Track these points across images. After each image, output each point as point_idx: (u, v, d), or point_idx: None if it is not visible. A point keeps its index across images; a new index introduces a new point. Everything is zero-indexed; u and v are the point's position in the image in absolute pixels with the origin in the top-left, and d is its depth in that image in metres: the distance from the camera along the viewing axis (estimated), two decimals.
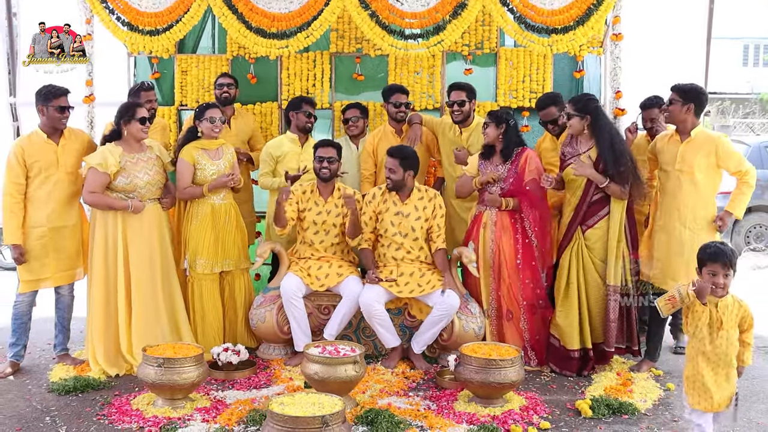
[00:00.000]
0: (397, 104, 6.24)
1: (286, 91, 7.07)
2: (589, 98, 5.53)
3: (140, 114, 5.42)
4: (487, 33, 6.90)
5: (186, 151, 5.72)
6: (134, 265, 5.41)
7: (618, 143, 5.34)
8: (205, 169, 5.70)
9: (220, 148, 5.83)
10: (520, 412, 4.68)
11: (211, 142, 5.77)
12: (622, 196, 5.33)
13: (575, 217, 5.49)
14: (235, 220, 5.86)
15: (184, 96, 7.22)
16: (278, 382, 5.27)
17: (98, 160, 5.31)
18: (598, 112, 5.41)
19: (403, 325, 5.71)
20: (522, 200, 5.58)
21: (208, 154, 5.75)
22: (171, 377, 4.61)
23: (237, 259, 5.85)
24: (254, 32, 6.24)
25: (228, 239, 5.79)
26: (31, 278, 5.45)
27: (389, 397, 4.96)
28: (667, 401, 5.01)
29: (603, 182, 5.32)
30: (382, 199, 5.74)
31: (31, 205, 5.41)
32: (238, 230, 5.87)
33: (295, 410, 3.78)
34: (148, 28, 6.33)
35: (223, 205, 5.79)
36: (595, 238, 5.43)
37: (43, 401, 4.93)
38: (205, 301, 5.77)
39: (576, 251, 5.47)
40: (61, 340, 5.72)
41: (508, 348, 4.96)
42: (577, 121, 5.41)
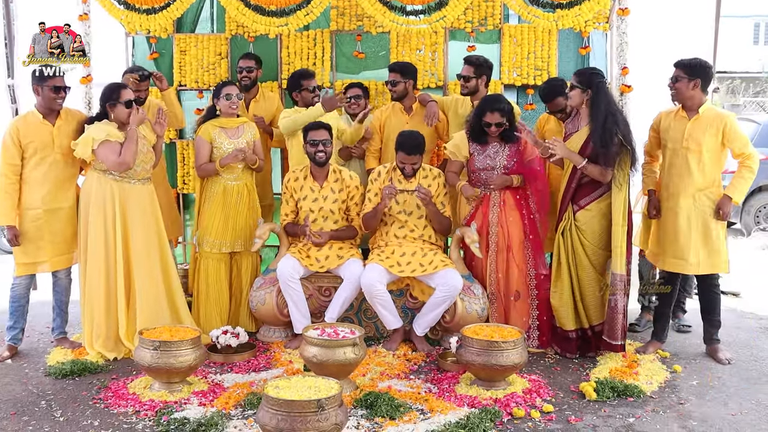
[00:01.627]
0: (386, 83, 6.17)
1: (286, 70, 6.95)
2: (594, 72, 5.37)
3: (125, 96, 5.31)
4: (491, 9, 6.75)
5: (204, 129, 5.72)
6: (133, 248, 5.34)
7: (611, 123, 5.12)
8: (221, 148, 5.67)
9: (241, 127, 5.79)
10: (522, 395, 4.60)
11: (230, 120, 5.74)
12: (602, 177, 5.18)
13: (565, 196, 5.40)
14: (248, 201, 5.80)
15: (182, 76, 7.11)
16: (277, 365, 5.20)
17: (104, 134, 5.20)
18: (600, 87, 5.24)
19: (405, 306, 5.62)
20: (528, 178, 5.52)
21: (226, 132, 5.70)
22: (167, 360, 4.54)
23: (247, 240, 5.79)
24: (253, 10, 6.16)
25: (239, 220, 5.76)
26: (27, 261, 5.37)
27: (390, 379, 4.88)
28: (674, 383, 4.92)
29: (580, 162, 5.19)
30: (388, 176, 5.66)
31: (26, 186, 5.33)
32: (250, 211, 5.81)
33: (290, 394, 3.70)
34: (145, 6, 6.26)
35: (236, 186, 5.75)
36: (586, 219, 5.30)
37: (39, 385, 4.87)
38: (211, 281, 5.75)
39: (566, 232, 5.36)
40: (59, 324, 5.66)
41: (510, 330, 4.87)
42: (578, 94, 5.27)
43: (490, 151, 5.54)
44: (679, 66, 5.26)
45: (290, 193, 5.76)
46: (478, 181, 5.60)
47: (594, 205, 5.29)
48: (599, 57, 6.76)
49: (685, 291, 6.17)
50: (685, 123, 5.24)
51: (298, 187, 5.73)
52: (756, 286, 7.66)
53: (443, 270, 5.39)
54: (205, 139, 5.68)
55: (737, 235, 10.85)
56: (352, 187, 5.74)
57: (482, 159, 5.56)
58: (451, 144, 5.74)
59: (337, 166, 5.82)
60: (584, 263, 5.32)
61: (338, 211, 5.72)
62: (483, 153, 5.56)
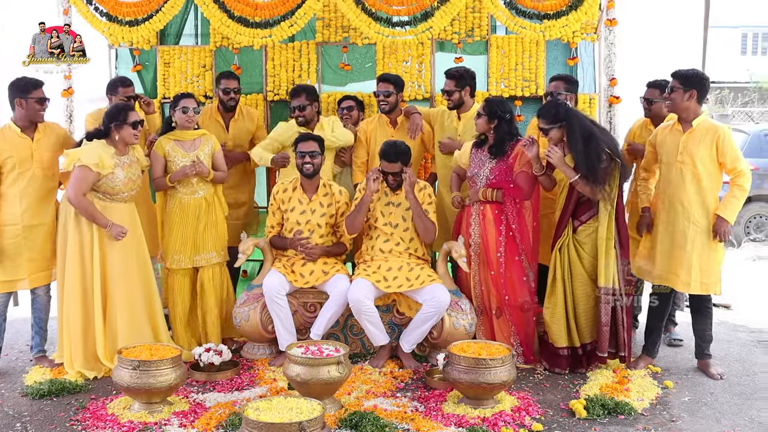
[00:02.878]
0: (377, 93, 6.05)
1: (272, 82, 6.87)
2: (558, 105, 5.29)
3: (132, 118, 5.21)
4: (478, 20, 6.69)
5: (158, 143, 5.59)
6: (110, 267, 5.20)
7: (592, 143, 5.05)
8: (175, 162, 5.54)
9: (197, 140, 5.63)
10: (511, 413, 4.49)
11: (185, 133, 5.60)
12: (592, 195, 5.10)
13: (564, 213, 5.31)
14: (206, 216, 5.63)
15: (166, 88, 7.01)
16: (261, 383, 5.08)
17: (94, 159, 5.05)
18: (569, 119, 5.15)
19: (392, 322, 5.52)
20: (506, 193, 5.37)
21: (181, 145, 5.57)
22: (147, 380, 4.42)
23: (209, 254, 5.65)
24: (237, 21, 6.12)
25: (198, 235, 5.60)
26: (5, 279, 5.25)
27: (376, 398, 4.77)
28: (666, 400, 4.82)
29: (572, 177, 5.11)
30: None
31: (4, 202, 5.22)
32: (209, 226, 5.64)
33: (271, 416, 3.59)
34: (128, 18, 6.22)
35: (194, 200, 5.59)
36: (587, 233, 5.23)
37: (15, 406, 4.74)
38: (176, 297, 5.66)
39: (563, 247, 5.28)
40: (37, 342, 5.53)
41: (498, 347, 4.77)
42: (556, 132, 5.18)
43: (480, 160, 5.45)
44: (675, 76, 5.17)
45: (277, 205, 5.66)
46: (470, 188, 5.53)
47: (594, 219, 5.21)
48: (587, 68, 6.71)
49: (675, 304, 6.10)
50: (679, 136, 5.16)
51: (286, 198, 5.63)
52: (747, 298, 7.60)
53: (430, 285, 5.30)
54: (159, 154, 5.54)
55: (728, 246, 10.78)
56: (341, 203, 5.65)
57: (473, 167, 5.48)
58: (457, 153, 5.72)
59: (327, 180, 5.72)
60: (582, 278, 5.23)
61: (325, 226, 5.62)
62: (475, 161, 5.48)
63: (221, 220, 5.75)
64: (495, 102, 5.47)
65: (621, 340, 5.24)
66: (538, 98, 6.72)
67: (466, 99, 5.93)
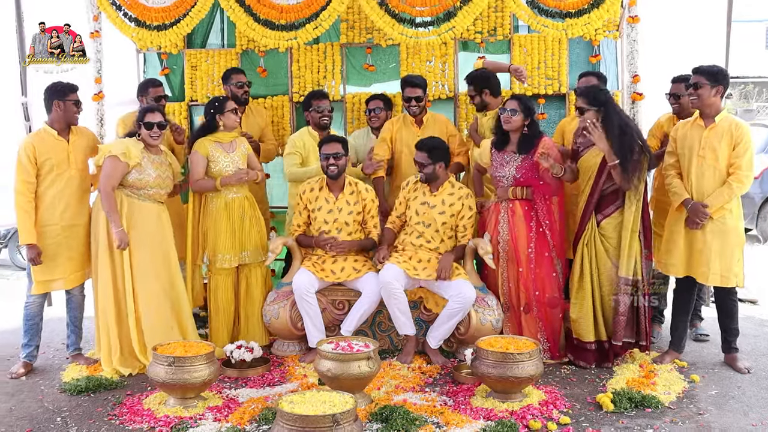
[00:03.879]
0: (407, 98, 6.11)
1: (297, 83, 6.98)
2: (600, 90, 5.36)
3: (147, 119, 5.36)
4: (500, 19, 6.76)
5: (200, 144, 5.67)
6: (136, 266, 5.34)
7: (628, 135, 5.14)
8: (218, 162, 5.64)
9: (234, 141, 5.76)
10: (539, 407, 4.56)
11: (224, 134, 5.70)
12: (628, 185, 5.15)
13: (588, 207, 5.35)
14: (250, 213, 5.77)
15: (194, 91, 7.15)
16: (292, 379, 5.18)
17: (122, 149, 5.25)
18: (609, 104, 5.23)
19: (419, 318, 5.60)
20: (535, 190, 5.44)
21: (222, 147, 5.68)
22: (182, 376, 4.53)
23: (254, 251, 5.77)
24: (262, 24, 6.18)
25: (243, 233, 5.72)
26: (42, 279, 5.39)
27: (405, 393, 4.86)
28: (692, 393, 4.86)
29: (613, 159, 5.12)
30: (414, 187, 5.68)
31: (42, 203, 5.34)
32: (253, 223, 5.78)
33: (305, 409, 3.69)
34: (156, 23, 6.31)
35: (237, 199, 5.71)
36: (611, 227, 5.28)
37: (54, 401, 4.88)
38: (220, 297, 5.73)
39: (589, 242, 5.32)
40: (73, 340, 5.67)
41: (526, 341, 4.83)
42: (592, 114, 5.22)
43: (504, 159, 5.51)
44: (701, 72, 5.18)
45: (304, 204, 5.75)
46: (496, 187, 5.59)
47: (619, 212, 5.26)
48: (610, 65, 6.75)
49: (701, 299, 6.12)
50: (701, 131, 5.19)
51: (312, 198, 5.72)
52: None
53: (456, 281, 5.37)
54: (202, 155, 5.63)
55: (754, 242, 10.76)
56: (368, 200, 5.73)
57: (497, 167, 5.54)
58: (477, 151, 5.80)
59: (353, 179, 5.81)
60: (609, 272, 5.28)
61: (353, 224, 5.70)
62: (499, 161, 5.53)
63: (262, 218, 5.90)
64: (528, 99, 5.59)
65: (642, 329, 5.31)
66: (561, 96, 6.78)
67: (489, 100, 5.99)
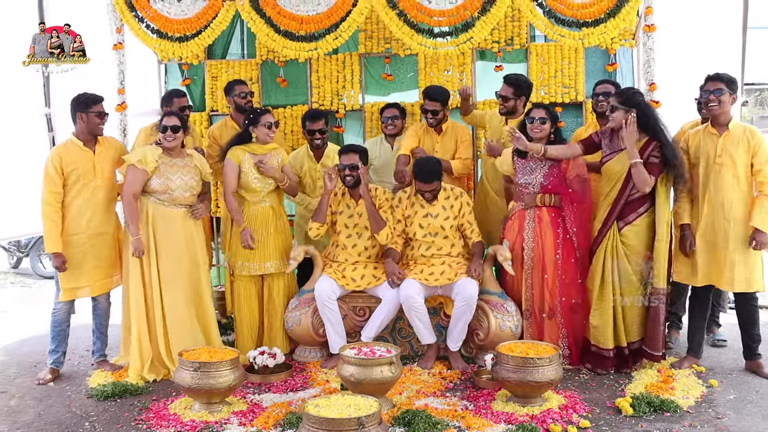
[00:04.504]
0: (425, 110, 6.19)
1: (317, 93, 7.08)
2: (635, 92, 5.41)
3: (163, 122, 5.49)
4: (517, 29, 6.84)
5: (233, 152, 5.73)
6: (164, 271, 5.45)
7: (658, 139, 5.21)
8: (249, 173, 5.71)
9: (269, 153, 5.82)
10: (559, 411, 4.61)
11: (258, 146, 5.78)
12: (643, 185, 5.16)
13: (611, 212, 5.37)
14: (275, 223, 5.84)
15: (214, 101, 7.26)
16: (314, 384, 5.26)
17: (138, 157, 5.40)
18: (644, 106, 5.28)
19: (439, 324, 5.67)
20: (563, 197, 5.49)
21: (254, 158, 5.74)
22: (207, 381, 4.62)
23: (277, 262, 5.84)
24: (282, 35, 6.25)
25: (268, 242, 5.79)
26: (71, 286, 5.50)
27: (426, 397, 4.92)
28: (711, 398, 4.90)
29: (635, 157, 5.15)
30: (409, 203, 5.73)
31: (69, 213, 5.46)
32: (278, 233, 5.84)
33: (330, 412, 3.75)
34: (178, 34, 6.38)
35: (262, 209, 5.79)
36: (633, 234, 5.31)
37: (82, 407, 4.97)
38: (243, 303, 5.82)
39: (611, 248, 5.35)
40: (99, 347, 5.78)
41: (545, 346, 4.89)
42: (621, 114, 5.26)
43: (529, 167, 5.58)
44: (720, 79, 5.23)
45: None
46: (521, 195, 5.64)
47: (641, 219, 5.30)
48: (626, 73, 6.82)
49: (718, 305, 6.15)
50: (716, 139, 5.24)
51: (336, 201, 5.82)
52: None
53: (459, 281, 5.44)
54: (235, 163, 5.70)
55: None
56: (382, 200, 5.82)
57: (522, 175, 5.60)
58: (498, 159, 5.85)
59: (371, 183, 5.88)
60: (631, 280, 5.32)
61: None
62: (523, 169, 5.60)
63: (287, 228, 5.97)
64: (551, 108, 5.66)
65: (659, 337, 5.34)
66: (578, 104, 6.85)
67: (520, 108, 6.07)
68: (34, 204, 5.53)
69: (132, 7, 6.31)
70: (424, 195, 5.66)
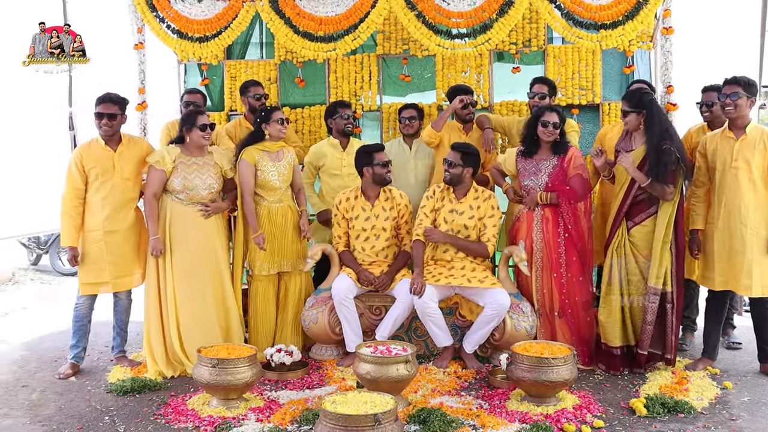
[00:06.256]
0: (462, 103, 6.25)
1: (335, 94, 7.13)
2: (644, 93, 5.43)
3: (200, 121, 5.55)
4: (535, 30, 6.86)
5: (247, 152, 5.77)
6: (177, 268, 5.52)
7: (668, 142, 5.16)
8: (265, 171, 5.77)
9: (281, 151, 5.88)
10: (573, 411, 4.64)
11: (272, 144, 5.84)
12: (665, 197, 5.21)
13: (619, 212, 5.41)
14: (293, 222, 5.89)
15: (233, 101, 7.32)
16: (331, 382, 5.31)
17: (156, 157, 5.52)
18: (652, 107, 5.30)
19: (455, 325, 5.70)
20: (560, 196, 5.51)
21: (269, 156, 5.81)
22: (225, 378, 4.68)
23: (294, 260, 5.90)
24: (301, 36, 6.32)
25: (285, 241, 5.85)
26: (90, 281, 5.59)
27: (441, 396, 4.96)
28: (725, 399, 4.91)
29: (644, 182, 5.22)
30: (441, 196, 5.76)
31: (88, 209, 5.56)
32: (296, 232, 5.90)
33: (347, 409, 3.80)
34: (198, 35, 6.46)
35: (280, 208, 5.85)
36: (641, 235, 5.33)
37: (102, 401, 5.05)
38: (259, 302, 5.87)
39: (619, 248, 5.38)
40: (118, 342, 5.86)
41: (560, 346, 4.92)
42: (634, 118, 5.30)
43: (534, 168, 5.62)
44: (738, 83, 5.22)
45: (341, 215, 5.85)
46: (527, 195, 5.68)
47: (650, 220, 5.31)
48: (644, 75, 6.82)
49: (733, 308, 6.16)
50: (732, 143, 5.25)
51: (349, 207, 5.84)
52: None
53: (493, 289, 5.46)
54: (250, 162, 5.73)
55: None
56: (402, 206, 5.84)
57: (527, 176, 5.64)
58: (501, 156, 5.90)
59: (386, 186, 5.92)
60: (638, 280, 5.34)
61: (390, 229, 5.82)
62: (528, 170, 5.64)
63: None
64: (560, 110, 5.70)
65: (668, 342, 5.35)
66: (594, 106, 6.86)
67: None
68: (53, 201, 5.65)
69: (153, 7, 6.40)
70: (448, 170, 5.63)
